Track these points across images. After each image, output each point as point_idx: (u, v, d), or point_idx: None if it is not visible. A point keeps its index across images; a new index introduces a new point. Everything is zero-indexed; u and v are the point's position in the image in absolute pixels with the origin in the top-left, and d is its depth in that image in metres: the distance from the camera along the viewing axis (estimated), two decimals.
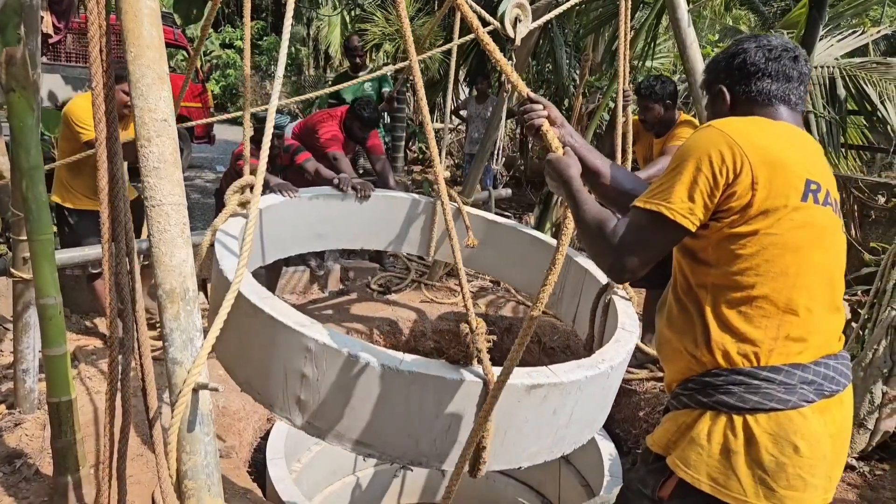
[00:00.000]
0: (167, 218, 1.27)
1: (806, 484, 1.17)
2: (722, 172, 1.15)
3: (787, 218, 1.16)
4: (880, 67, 4.77)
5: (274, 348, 1.76)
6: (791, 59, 1.29)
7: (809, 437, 1.16)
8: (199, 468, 1.36)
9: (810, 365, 1.19)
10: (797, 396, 1.16)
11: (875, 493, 2.68)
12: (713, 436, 1.18)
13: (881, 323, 2.91)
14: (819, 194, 1.20)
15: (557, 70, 5.94)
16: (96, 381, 3.05)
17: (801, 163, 1.19)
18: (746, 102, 1.30)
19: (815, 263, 1.20)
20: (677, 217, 1.16)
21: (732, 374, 1.18)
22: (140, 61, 1.22)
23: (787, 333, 1.18)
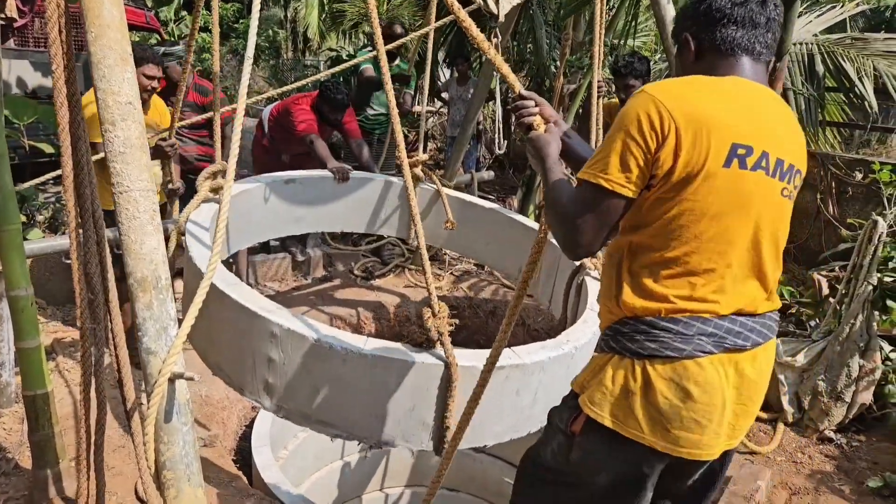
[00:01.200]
0: (136, 204, 1.24)
1: (702, 428, 1.23)
2: (651, 137, 1.16)
3: (706, 184, 1.17)
4: (858, 43, 4.79)
5: (241, 333, 1.79)
6: (759, 4, 1.25)
7: (704, 384, 1.22)
8: (177, 458, 1.34)
9: (713, 319, 1.22)
10: (693, 346, 1.21)
11: (851, 464, 2.75)
12: (616, 378, 1.26)
13: (857, 298, 2.96)
14: (748, 158, 1.19)
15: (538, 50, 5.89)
16: (74, 372, 3.01)
17: (735, 125, 1.18)
18: (710, 51, 1.27)
19: (735, 228, 1.21)
20: (615, 187, 1.18)
21: (637, 324, 1.25)
22: (101, 42, 1.17)
23: (691, 294, 1.22)
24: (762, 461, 2.76)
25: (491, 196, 6.85)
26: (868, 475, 2.62)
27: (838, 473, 2.69)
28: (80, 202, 1.29)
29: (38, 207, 4.39)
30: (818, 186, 4.91)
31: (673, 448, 1.25)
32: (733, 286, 1.23)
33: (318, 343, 1.68)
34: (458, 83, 6.34)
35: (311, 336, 1.68)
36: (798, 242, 5.05)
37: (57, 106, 1.13)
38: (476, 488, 3.77)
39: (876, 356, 2.95)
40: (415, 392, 1.73)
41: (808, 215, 5.03)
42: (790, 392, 3.05)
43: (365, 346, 1.69)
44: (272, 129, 4.16)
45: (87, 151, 1.25)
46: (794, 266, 4.99)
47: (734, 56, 1.26)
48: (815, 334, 3.22)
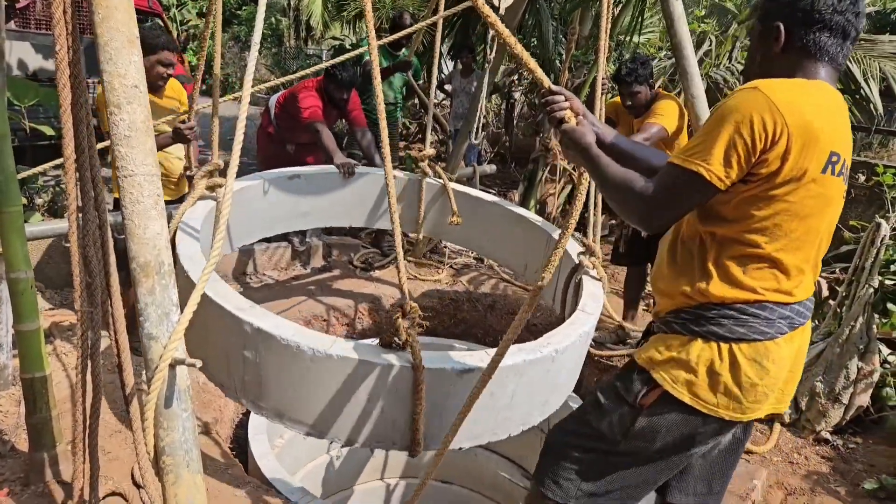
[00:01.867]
0: (140, 189, 1.23)
1: (767, 398, 1.38)
2: (761, 139, 1.19)
3: (804, 188, 1.24)
4: (865, 45, 4.77)
5: (218, 332, 1.82)
6: (854, 15, 1.27)
7: (779, 361, 1.35)
8: (176, 444, 1.33)
9: (790, 304, 1.34)
10: (775, 329, 1.33)
11: (848, 466, 2.75)
12: (702, 359, 1.34)
13: (858, 300, 2.95)
14: (837, 165, 1.26)
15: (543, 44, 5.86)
16: (72, 356, 3.00)
17: (830, 133, 1.24)
18: (798, 50, 1.29)
19: (815, 229, 1.31)
20: (713, 179, 1.22)
21: (723, 309, 1.33)
22: (108, 24, 1.15)
23: (777, 287, 1.32)
24: (758, 461, 2.77)
25: (492, 190, 6.84)
26: (864, 477, 2.63)
27: (834, 475, 2.69)
28: (81, 185, 1.28)
29: (38, 190, 4.37)
30: None
31: (741, 416, 1.37)
32: (809, 278, 1.36)
33: (287, 343, 1.70)
34: (462, 75, 6.30)
35: (279, 336, 1.70)
36: None
37: (59, 87, 1.12)
38: (471, 482, 3.78)
39: (875, 359, 2.95)
40: (383, 394, 1.74)
41: None
42: None
43: (332, 347, 1.70)
44: (279, 117, 4.11)
45: (90, 134, 1.24)
46: None
47: (820, 62, 1.29)
48: (815, 335, 3.22)
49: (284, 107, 4.04)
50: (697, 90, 2.91)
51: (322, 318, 3.95)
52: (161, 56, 2.94)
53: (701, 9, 7.64)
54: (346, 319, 4.03)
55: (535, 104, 6.66)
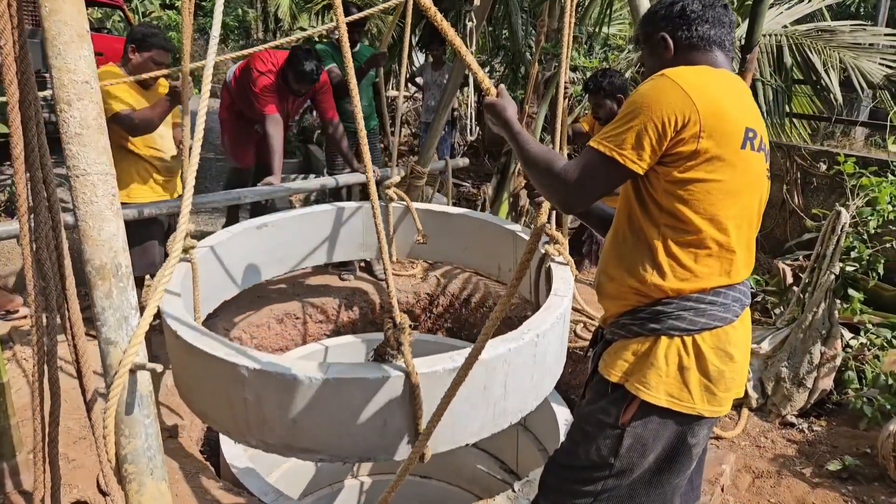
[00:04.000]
0: (93, 189, 1.18)
1: (737, 384, 1.40)
2: (671, 121, 1.24)
3: (728, 165, 1.27)
4: (825, 35, 4.87)
5: (216, 380, 1.86)
6: (722, 7, 1.39)
7: (738, 344, 1.37)
8: (139, 452, 1.30)
9: (736, 285, 1.37)
10: (731, 313, 1.35)
11: (812, 448, 2.83)
12: (670, 357, 1.33)
13: (820, 286, 3.03)
14: (755, 141, 1.30)
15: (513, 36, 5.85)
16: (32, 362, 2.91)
17: (741, 111, 1.29)
18: (688, 48, 1.39)
19: (750, 206, 1.34)
20: (627, 162, 1.27)
21: (682, 301, 1.33)
22: (56, 17, 1.10)
23: (728, 269, 1.34)
24: (727, 445, 2.83)
25: (465, 183, 6.83)
26: (828, 458, 2.71)
27: (800, 457, 2.76)
28: (32, 185, 1.23)
29: None
30: (784, 177, 5.02)
31: (718, 410, 1.37)
32: (747, 257, 1.38)
33: (283, 376, 1.74)
34: (433, 68, 6.26)
35: (274, 371, 1.75)
36: (764, 232, 5.17)
37: (6, 83, 1.07)
38: (449, 476, 3.79)
39: (837, 343, 3.04)
40: (383, 407, 1.78)
41: (774, 205, 5.14)
42: (754, 378, 3.13)
43: (327, 372, 1.75)
44: (236, 94, 3.81)
45: (40, 133, 1.19)
46: (761, 255, 5.11)
47: (711, 51, 1.38)
48: (780, 322, 3.30)
49: (240, 81, 3.74)
50: None
51: (295, 315, 3.91)
52: (154, 54, 2.88)
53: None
54: (322, 316, 3.99)
55: None
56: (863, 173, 3.76)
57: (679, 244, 1.32)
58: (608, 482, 1.40)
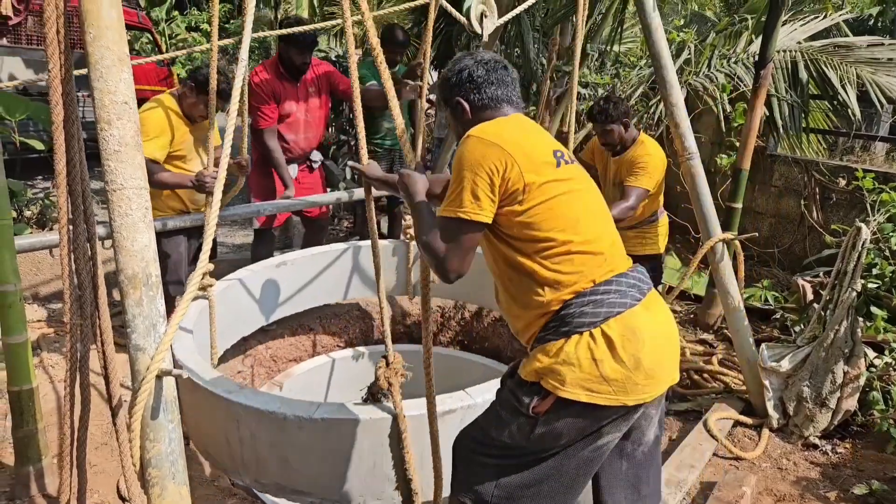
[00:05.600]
0: (129, 202, 1.24)
1: (660, 369, 1.44)
2: (495, 171, 1.40)
3: (555, 184, 1.44)
4: (841, 51, 4.84)
5: (215, 417, 1.92)
6: (503, 69, 1.59)
7: (646, 327, 1.43)
8: (163, 456, 1.34)
9: (627, 272, 1.48)
10: (629, 298, 1.43)
11: (837, 471, 2.77)
12: (580, 352, 1.39)
13: (842, 304, 2.99)
14: (565, 156, 1.52)
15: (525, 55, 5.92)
16: (59, 368, 2.99)
17: (542, 141, 1.51)
18: (482, 108, 1.58)
19: (587, 205, 1.50)
20: (472, 216, 1.41)
21: (580, 299, 1.42)
22: (100, 42, 1.18)
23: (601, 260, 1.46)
24: (747, 467, 2.79)
25: None
26: (853, 482, 2.64)
27: (823, 480, 2.70)
28: (71, 198, 1.30)
29: (27, 203, 4.36)
30: (802, 192, 4.98)
31: (642, 396, 1.41)
32: (611, 246, 1.50)
33: (274, 415, 1.78)
34: None
35: (266, 409, 1.78)
36: (782, 248, 5.12)
37: (52, 104, 1.14)
38: None
39: (860, 362, 2.98)
40: (372, 449, 1.80)
41: (792, 221, 5.10)
42: (775, 397, 3.09)
43: (315, 412, 1.78)
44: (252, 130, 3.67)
45: (81, 149, 1.26)
46: (779, 271, 5.06)
47: (501, 107, 1.58)
48: (800, 340, 3.26)
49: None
50: (677, 99, 2.96)
51: (309, 326, 3.96)
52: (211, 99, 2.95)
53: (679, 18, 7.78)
54: (335, 328, 4.04)
55: None
56: (883, 189, 3.73)
57: (553, 258, 1.44)
58: (515, 460, 1.49)
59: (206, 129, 3.17)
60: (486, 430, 1.54)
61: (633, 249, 3.16)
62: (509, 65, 1.62)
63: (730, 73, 5.16)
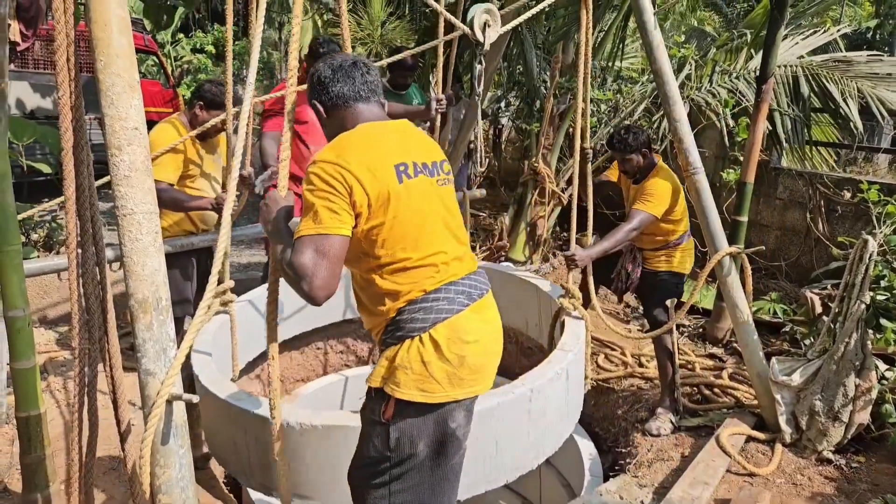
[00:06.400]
0: (139, 227, 1.25)
1: (485, 366, 1.59)
2: (341, 188, 1.46)
3: (396, 200, 1.51)
4: (841, 65, 4.88)
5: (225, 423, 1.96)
6: (350, 65, 1.61)
7: (473, 331, 1.56)
8: (173, 482, 1.33)
9: (458, 280, 1.59)
10: (457, 304, 1.55)
11: (852, 486, 2.72)
12: (412, 356, 1.52)
13: (851, 316, 2.97)
14: (409, 170, 1.55)
15: (528, 72, 5.98)
16: (66, 393, 2.98)
17: (387, 155, 1.53)
18: (333, 108, 1.61)
19: (432, 220, 1.58)
20: (332, 231, 1.45)
21: (411, 306, 1.54)
22: (110, 70, 1.19)
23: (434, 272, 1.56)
24: (761, 483, 2.75)
25: (482, 213, 6.89)
26: (869, 497, 2.60)
27: (839, 495, 2.66)
28: (80, 223, 1.30)
29: (34, 227, 4.38)
30: (807, 205, 4.98)
31: (471, 391, 1.56)
32: (452, 255, 1.60)
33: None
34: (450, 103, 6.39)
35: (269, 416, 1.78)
36: (789, 261, 5.10)
37: (62, 130, 1.15)
38: None
39: (872, 375, 2.95)
40: None
41: (798, 233, 5.09)
42: (787, 412, 3.05)
43: (315, 419, 1.82)
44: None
45: (90, 175, 1.27)
46: (786, 283, 5.03)
47: (351, 106, 1.60)
48: (811, 353, 3.23)
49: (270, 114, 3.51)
50: (680, 114, 2.97)
51: (316, 346, 3.94)
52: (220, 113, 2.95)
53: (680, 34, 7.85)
54: (342, 347, 4.02)
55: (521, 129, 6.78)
56: (888, 201, 3.73)
57: (392, 273, 1.54)
58: (393, 472, 1.57)
59: (216, 147, 3.19)
60: (361, 453, 1.63)
61: (656, 266, 3.24)
62: (366, 63, 1.64)
63: (732, 88, 5.19)
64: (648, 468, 2.86)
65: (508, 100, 7.68)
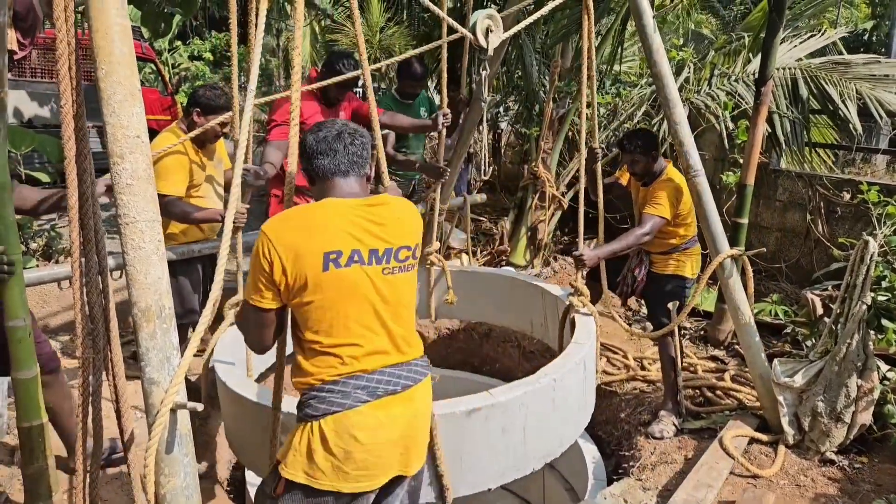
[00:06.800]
0: (141, 235, 1.25)
1: (375, 464, 1.56)
2: (266, 265, 1.52)
3: (314, 287, 1.52)
4: (840, 67, 4.90)
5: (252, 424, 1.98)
6: (333, 138, 1.63)
7: (366, 428, 1.54)
8: (178, 491, 1.33)
9: (365, 374, 1.56)
10: (352, 399, 1.54)
11: (855, 487, 2.72)
12: (302, 441, 1.55)
13: (852, 317, 2.97)
14: (341, 259, 1.54)
15: (527, 76, 5.99)
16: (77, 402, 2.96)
17: (322, 240, 1.54)
18: (315, 178, 1.66)
19: (353, 310, 1.56)
20: (257, 303, 1.56)
21: (311, 392, 1.57)
22: (111, 78, 1.19)
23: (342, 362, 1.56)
24: (765, 485, 2.74)
25: (483, 218, 6.89)
26: (872, 497, 2.60)
27: (842, 496, 2.65)
28: (83, 232, 1.30)
29: (32, 235, 4.37)
30: (807, 206, 4.98)
31: (357, 486, 1.54)
32: (371, 347, 1.58)
33: None
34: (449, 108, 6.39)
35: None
36: (789, 262, 5.10)
37: (65, 139, 1.15)
38: None
39: (874, 376, 2.95)
40: None
41: (798, 235, 5.09)
42: (789, 413, 3.05)
43: None
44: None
45: (92, 183, 1.26)
46: (787, 285, 5.03)
47: (329, 178, 1.63)
48: (812, 354, 3.23)
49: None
50: (680, 117, 2.98)
51: None
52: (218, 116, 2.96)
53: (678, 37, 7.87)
54: None
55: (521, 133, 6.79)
56: (888, 201, 3.73)
57: (308, 350, 1.59)
58: None
59: (214, 153, 3.18)
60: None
61: (663, 269, 3.24)
62: (353, 132, 1.65)
63: (731, 91, 5.21)
64: (652, 471, 2.85)
65: (507, 104, 7.70)
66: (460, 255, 5.11)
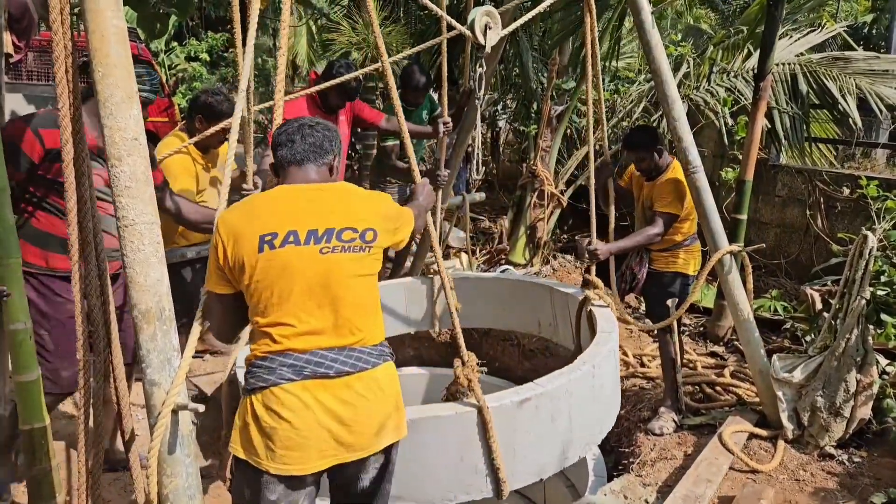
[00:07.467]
0: (140, 237, 1.25)
1: (301, 445, 1.54)
2: (214, 252, 1.58)
3: (250, 269, 1.56)
4: (839, 63, 4.89)
5: None
6: (294, 130, 1.70)
7: (292, 407, 1.53)
8: (180, 491, 1.33)
9: (294, 353, 1.56)
10: (276, 376, 1.54)
11: (854, 481, 2.73)
12: (240, 414, 1.59)
13: (852, 312, 2.97)
14: (276, 240, 1.56)
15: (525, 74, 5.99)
16: (68, 405, 2.97)
17: (259, 223, 1.58)
18: (277, 168, 1.72)
19: (288, 290, 1.57)
20: (211, 288, 1.62)
21: (248, 369, 1.61)
22: (108, 80, 1.19)
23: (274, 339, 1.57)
24: (764, 480, 2.75)
25: (482, 217, 6.89)
26: (871, 491, 2.60)
27: (841, 490, 2.66)
28: (82, 235, 1.30)
29: None
30: (806, 202, 4.98)
31: (281, 468, 1.53)
32: (306, 329, 1.58)
33: None
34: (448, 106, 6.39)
35: None
36: (789, 257, 5.11)
37: (63, 142, 1.15)
38: None
39: (873, 370, 2.96)
40: (458, 443, 1.84)
41: (798, 230, 5.09)
42: (789, 408, 3.06)
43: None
44: None
45: (91, 186, 1.27)
46: (786, 281, 5.03)
47: (285, 167, 1.70)
48: (811, 349, 3.23)
49: None
50: (679, 113, 2.98)
51: None
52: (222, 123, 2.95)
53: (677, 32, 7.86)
54: None
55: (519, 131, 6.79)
56: (887, 196, 3.73)
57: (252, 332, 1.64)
58: None
59: (216, 158, 3.18)
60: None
61: (663, 267, 3.25)
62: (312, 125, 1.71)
63: (730, 86, 5.21)
64: (652, 467, 2.86)
65: (505, 102, 7.69)
66: (459, 254, 5.10)
